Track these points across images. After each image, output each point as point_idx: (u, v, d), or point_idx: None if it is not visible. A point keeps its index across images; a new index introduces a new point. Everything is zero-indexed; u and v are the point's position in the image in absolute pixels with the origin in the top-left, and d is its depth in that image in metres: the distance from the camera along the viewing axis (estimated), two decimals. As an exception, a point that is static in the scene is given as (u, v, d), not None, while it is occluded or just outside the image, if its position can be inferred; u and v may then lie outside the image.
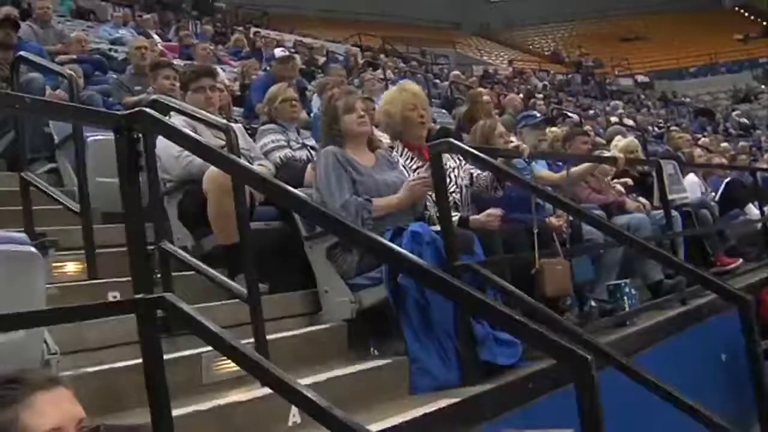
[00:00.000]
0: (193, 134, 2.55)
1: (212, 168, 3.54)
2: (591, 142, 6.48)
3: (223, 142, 3.67)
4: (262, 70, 10.43)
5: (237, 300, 3.11)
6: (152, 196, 3.18)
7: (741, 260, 6.60)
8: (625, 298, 4.66)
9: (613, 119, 15.88)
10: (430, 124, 5.15)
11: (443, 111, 11.70)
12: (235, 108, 7.55)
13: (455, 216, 3.81)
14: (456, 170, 4.22)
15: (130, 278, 2.21)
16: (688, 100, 29.37)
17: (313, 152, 4.81)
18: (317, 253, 3.78)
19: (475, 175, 4.18)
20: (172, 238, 3.81)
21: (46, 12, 8.79)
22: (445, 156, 3.87)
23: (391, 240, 3.25)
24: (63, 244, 3.55)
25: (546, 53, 36.13)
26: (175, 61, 7.71)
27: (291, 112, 5.13)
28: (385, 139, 4.41)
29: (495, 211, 3.95)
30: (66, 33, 9.02)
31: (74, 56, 7.90)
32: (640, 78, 31.87)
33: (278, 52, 12.38)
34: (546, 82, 24.02)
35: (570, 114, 13.70)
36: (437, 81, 16.21)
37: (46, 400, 1.30)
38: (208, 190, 3.78)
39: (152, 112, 2.44)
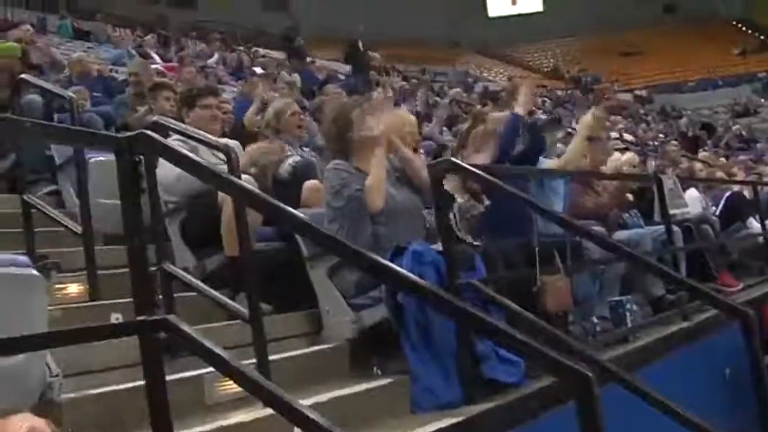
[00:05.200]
0: (194, 156, 2.54)
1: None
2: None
3: (222, 162, 3.68)
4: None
5: (239, 321, 3.11)
6: (154, 217, 3.19)
7: (742, 284, 6.57)
8: (627, 314, 4.66)
9: (613, 134, 15.90)
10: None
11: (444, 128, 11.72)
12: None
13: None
14: None
15: (132, 300, 2.21)
16: (688, 113, 29.39)
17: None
18: (318, 273, 3.79)
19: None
20: (174, 260, 3.82)
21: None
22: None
23: (391, 260, 3.25)
24: (65, 266, 3.59)
25: (545, 69, 36.27)
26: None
27: (298, 126, 5.19)
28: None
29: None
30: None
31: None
32: (639, 92, 31.95)
33: (258, 70, 12.49)
34: (546, 98, 24.07)
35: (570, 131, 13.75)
36: (437, 99, 16.25)
37: None
38: (224, 199, 3.78)
39: (153, 134, 2.45)
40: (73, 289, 3.63)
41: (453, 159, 3.77)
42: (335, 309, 3.72)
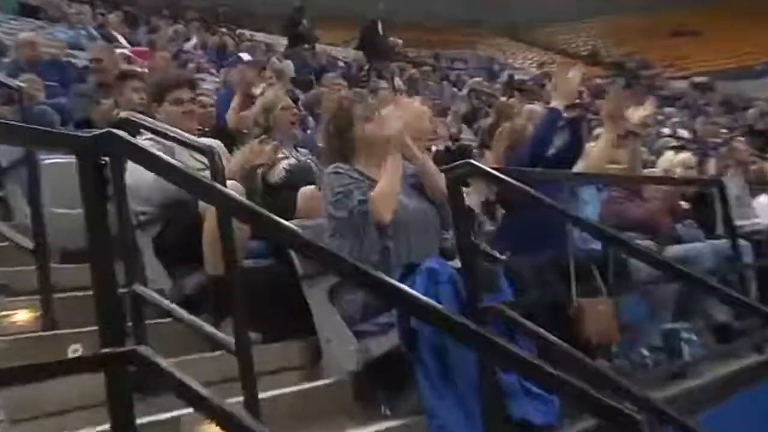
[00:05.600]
0: (170, 159, 2.55)
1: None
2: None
3: (203, 166, 3.74)
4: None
5: (223, 351, 3.12)
6: (122, 230, 3.20)
7: None
8: (684, 344, 4.64)
9: (665, 130, 15.88)
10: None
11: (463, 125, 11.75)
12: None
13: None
14: None
15: (95, 328, 2.21)
16: (759, 103, 29.20)
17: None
18: (316, 295, 3.82)
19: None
20: (146, 280, 3.84)
21: None
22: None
23: (402, 279, 3.29)
24: (13, 289, 3.59)
25: (582, 53, 36.31)
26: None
27: (291, 122, 5.24)
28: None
29: None
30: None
31: None
32: (698, 79, 31.83)
33: (245, 56, 12.45)
34: (582, 88, 24.07)
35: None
36: (454, 89, 16.28)
37: None
38: (206, 209, 3.82)
39: (121, 133, 2.46)
40: (24, 315, 3.62)
41: (473, 162, 3.77)
42: (337, 337, 3.74)
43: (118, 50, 9.53)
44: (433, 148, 6.49)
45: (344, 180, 3.82)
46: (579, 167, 5.13)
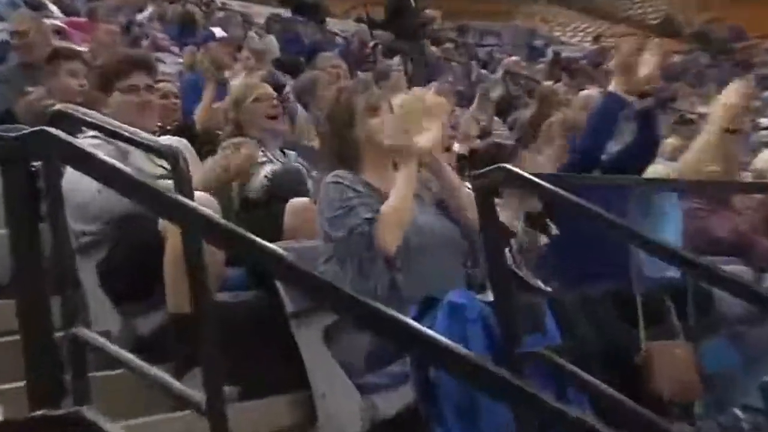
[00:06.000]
0: (121, 165, 2.54)
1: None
2: None
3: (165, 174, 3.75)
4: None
5: (190, 411, 3.07)
6: (59, 255, 3.13)
7: None
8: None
9: (764, 121, 15.78)
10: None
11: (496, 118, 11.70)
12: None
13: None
14: None
15: (23, 384, 2.23)
16: None
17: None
18: (309, 338, 3.83)
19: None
20: (90, 320, 3.74)
21: None
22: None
23: (418, 317, 3.32)
24: None
25: (652, 22, 36.27)
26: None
27: (270, 116, 5.24)
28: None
29: None
30: None
31: None
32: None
33: (218, 32, 12.42)
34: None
35: (692, 115, 13.66)
36: (484, 72, 16.22)
37: None
38: (167, 229, 3.83)
39: (58, 132, 2.46)
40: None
41: (507, 166, 3.71)
42: (335, 391, 3.75)
43: (49, 21, 9.28)
44: (455, 148, 6.48)
45: (347, 193, 3.84)
46: (658, 171, 5.12)
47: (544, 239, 4.03)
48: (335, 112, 4.10)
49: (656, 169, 5.42)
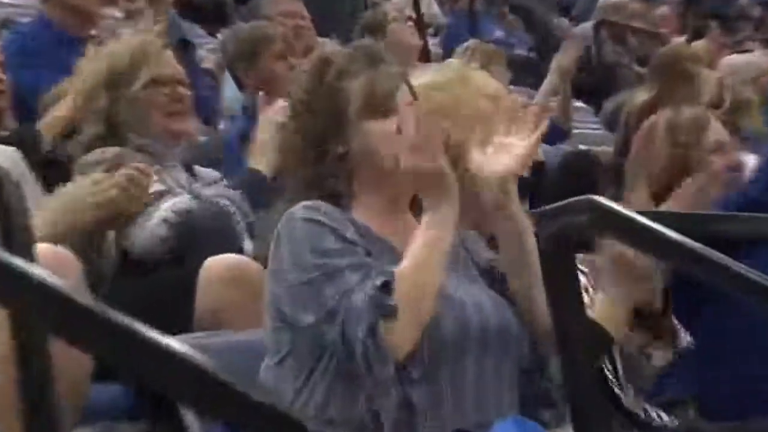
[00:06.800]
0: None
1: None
2: None
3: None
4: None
5: None
6: None
7: None
8: None
9: None
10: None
11: (580, 104, 8.82)
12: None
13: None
14: None
15: None
16: None
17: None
18: None
19: None
20: None
21: None
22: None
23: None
24: None
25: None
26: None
27: (172, 114, 4.00)
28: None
29: None
30: None
31: None
32: None
33: None
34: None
35: None
36: (564, 21, 12.24)
37: None
38: None
39: None
40: None
41: (600, 200, 2.48)
42: None
43: None
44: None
45: (325, 240, 2.70)
46: None
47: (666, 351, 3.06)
48: (312, 105, 2.89)
49: None
